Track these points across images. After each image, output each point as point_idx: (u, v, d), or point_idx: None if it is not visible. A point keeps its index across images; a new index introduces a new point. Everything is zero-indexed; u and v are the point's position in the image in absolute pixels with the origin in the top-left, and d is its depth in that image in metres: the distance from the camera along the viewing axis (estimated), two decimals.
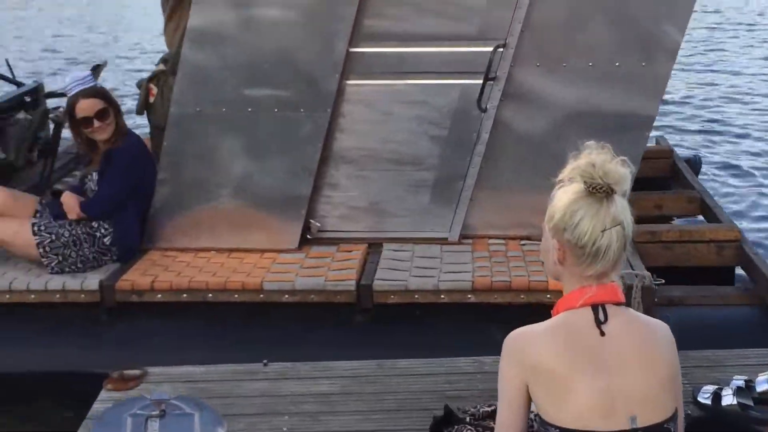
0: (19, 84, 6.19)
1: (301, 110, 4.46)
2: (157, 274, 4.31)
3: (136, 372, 3.51)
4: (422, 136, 4.53)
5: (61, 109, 5.56)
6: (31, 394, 4.22)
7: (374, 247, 4.59)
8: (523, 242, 4.57)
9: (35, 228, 4.38)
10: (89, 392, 3.39)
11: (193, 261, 4.50)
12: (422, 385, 3.33)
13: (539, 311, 2.30)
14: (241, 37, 4.42)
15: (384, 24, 4.43)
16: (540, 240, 2.12)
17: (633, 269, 4.07)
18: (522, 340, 2.00)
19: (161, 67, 4.82)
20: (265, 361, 3.60)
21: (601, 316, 1.97)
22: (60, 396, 4.15)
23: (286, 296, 4.20)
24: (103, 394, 3.30)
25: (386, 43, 4.45)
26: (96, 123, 4.42)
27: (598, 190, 1.93)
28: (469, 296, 4.13)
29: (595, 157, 1.97)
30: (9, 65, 6.23)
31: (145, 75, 5.33)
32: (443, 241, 4.60)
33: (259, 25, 4.40)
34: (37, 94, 6.17)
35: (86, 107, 4.43)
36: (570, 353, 1.95)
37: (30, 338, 4.26)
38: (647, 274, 3.99)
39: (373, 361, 3.66)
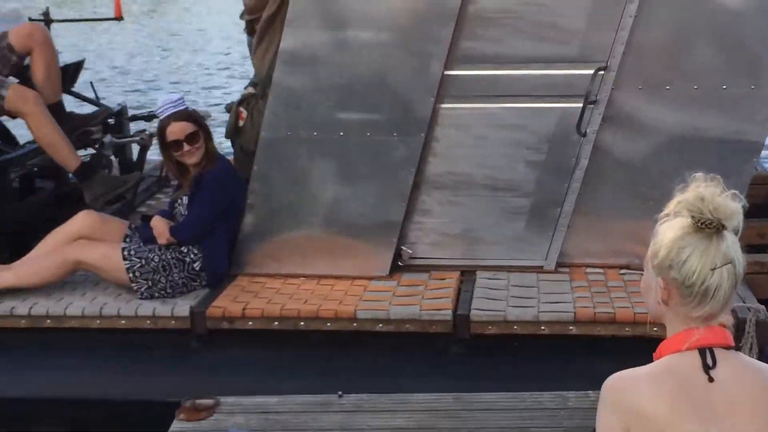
0: (103, 107, 6.19)
1: (394, 134, 4.36)
2: (247, 300, 4.23)
3: (209, 402, 3.45)
4: (518, 161, 4.40)
5: (146, 132, 5.54)
6: (109, 421, 4.17)
7: (467, 274, 4.46)
8: (622, 271, 4.40)
9: (125, 253, 4.33)
10: (164, 421, 3.34)
11: (282, 288, 4.41)
12: (502, 420, 3.21)
13: (644, 345, 2.16)
14: (335, 59, 4.34)
15: (480, 46, 4.31)
16: (640, 269, 1.97)
17: (744, 302, 3.88)
18: (623, 385, 1.85)
19: (250, 90, 4.77)
20: (340, 393, 3.51)
21: (709, 361, 1.82)
22: (135, 425, 4.09)
23: (380, 325, 4.08)
24: (176, 425, 3.23)
25: (482, 65, 4.33)
26: (185, 146, 4.38)
27: (708, 226, 1.79)
28: (571, 328, 3.97)
29: (703, 190, 1.82)
30: (93, 87, 6.24)
31: (220, 97, 5.32)
32: (539, 270, 4.45)
33: (353, 47, 4.32)
34: (121, 116, 6.17)
35: (176, 130, 4.38)
36: (675, 400, 1.80)
37: (119, 364, 4.21)
38: (761, 307, 3.80)
39: (452, 395, 3.56)
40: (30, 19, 6.39)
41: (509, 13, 4.28)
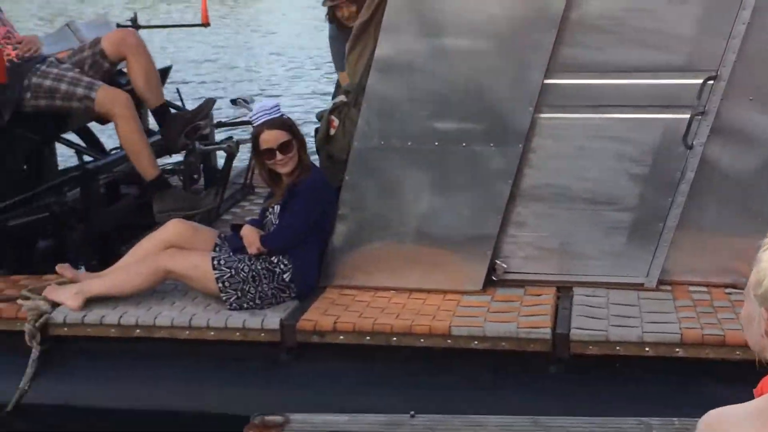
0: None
1: (491, 144, 4.23)
2: (338, 314, 4.13)
3: (278, 419, 3.37)
4: (620, 174, 4.22)
5: (233, 139, 5.49)
6: None
7: (563, 290, 4.30)
8: (728, 290, 4.20)
9: (215, 262, 4.26)
10: None
11: (373, 301, 4.30)
12: None
13: (755, 370, 1.99)
14: (431, 67, 4.22)
15: (582, 54, 4.15)
16: None
17: None
18: (722, 423, 1.68)
19: (342, 98, 4.67)
20: (412, 412, 3.39)
21: None
22: None
23: (475, 342, 3.95)
24: None
25: (584, 74, 4.17)
26: (278, 155, 4.30)
27: None
28: (677, 350, 3.79)
29: None
30: (179, 94, 6.23)
31: (314, 106, 5.25)
32: (639, 287, 4.27)
33: (450, 55, 4.20)
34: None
35: (270, 139, 4.31)
36: None
37: (207, 376, 4.15)
38: None
39: (529, 418, 3.42)
40: (118, 25, 6.40)
41: (613, 19, 4.11)
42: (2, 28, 4.99)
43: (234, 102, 5.93)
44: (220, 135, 6.42)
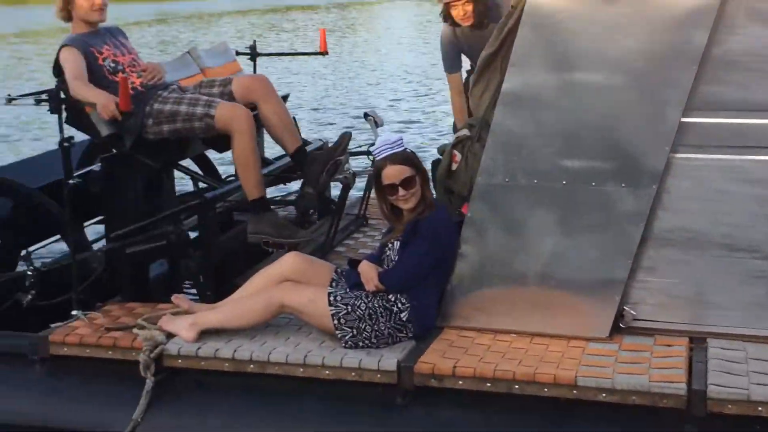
0: (305, 142, 6.12)
1: (623, 185, 4.02)
2: (458, 357, 3.96)
3: None
4: (762, 220, 3.95)
5: (348, 171, 5.39)
6: None
7: (696, 342, 4.04)
8: None
9: (331, 298, 4.15)
10: None
11: (493, 344, 4.12)
12: None
13: None
14: (561, 102, 4.05)
15: (724, 91, 3.92)
16: None
17: None
18: None
19: (465, 132, 4.52)
20: None
21: None
22: None
23: (603, 395, 3.72)
24: None
25: (726, 113, 3.93)
26: (401, 191, 4.19)
27: None
28: None
29: None
30: (296, 121, 6.18)
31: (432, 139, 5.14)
32: None
33: (582, 90, 4.02)
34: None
35: (393, 174, 4.20)
36: None
37: (320, 415, 4.03)
38: None
39: None
40: (237, 53, 6.40)
41: (759, 56, 3.87)
42: (127, 56, 5.01)
43: (366, 116, 5.85)
44: None
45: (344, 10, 48.19)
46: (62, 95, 4.52)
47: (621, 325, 4.14)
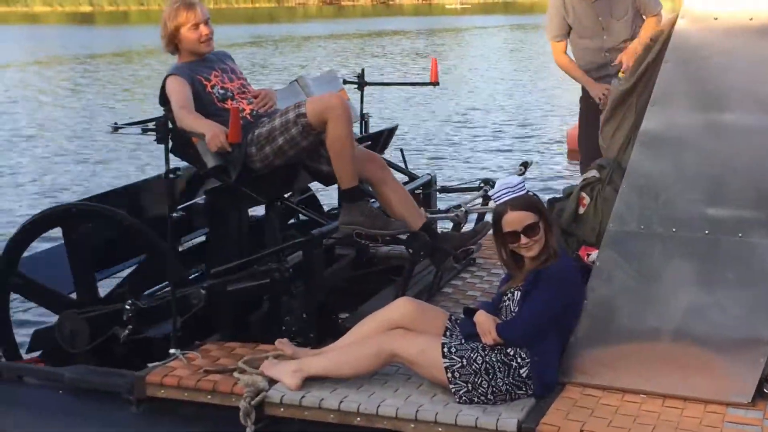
0: (412, 176, 5.87)
1: None
2: (583, 419, 3.62)
3: None
4: None
5: (461, 208, 5.10)
6: None
7: None
8: None
9: (445, 350, 3.86)
10: None
11: (621, 406, 3.77)
12: None
13: None
14: (706, 144, 3.70)
15: None
16: None
17: None
18: None
19: (594, 173, 4.19)
20: None
21: None
22: None
23: None
24: None
25: None
26: (523, 239, 3.88)
27: None
28: None
29: None
30: (403, 155, 5.94)
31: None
32: None
33: (730, 132, 3.67)
34: (430, 188, 5.81)
35: (514, 220, 3.90)
36: None
37: None
38: None
39: None
40: (345, 82, 6.19)
41: None
42: (236, 81, 4.81)
43: (524, 166, 5.63)
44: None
45: (433, 35, 48.13)
46: (169, 125, 4.33)
47: (765, 390, 3.76)
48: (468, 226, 5.20)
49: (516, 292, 3.96)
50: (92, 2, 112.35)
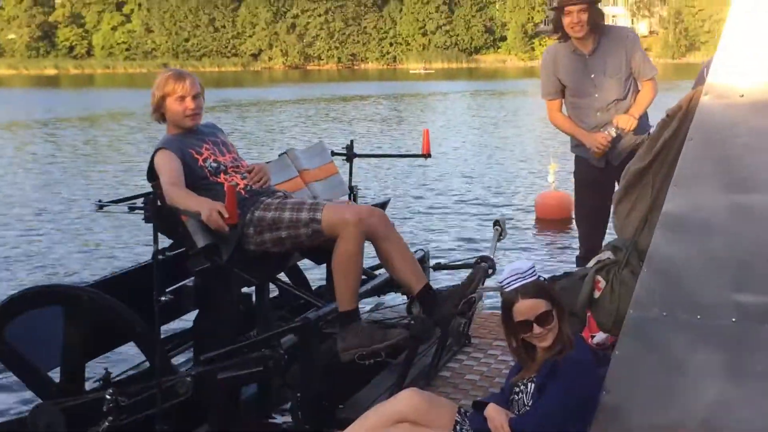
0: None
1: None
2: None
3: None
4: None
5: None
6: None
7: None
8: None
9: None
10: None
11: None
12: None
13: None
14: (733, 227, 3.50)
15: None
16: None
17: None
18: None
19: (609, 255, 3.98)
20: None
21: None
22: None
23: None
24: None
25: None
26: (536, 328, 3.66)
27: None
28: None
29: None
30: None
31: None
32: None
33: (759, 215, 3.47)
34: (423, 264, 5.58)
35: (526, 309, 3.69)
36: None
37: None
38: None
39: None
40: (333, 153, 5.99)
41: None
42: (228, 155, 4.60)
43: (495, 224, 5.34)
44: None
45: (397, 101, 48.32)
46: (158, 203, 4.08)
47: None
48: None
49: (529, 384, 3.72)
50: (57, 65, 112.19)
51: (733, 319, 3.53)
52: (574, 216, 6.26)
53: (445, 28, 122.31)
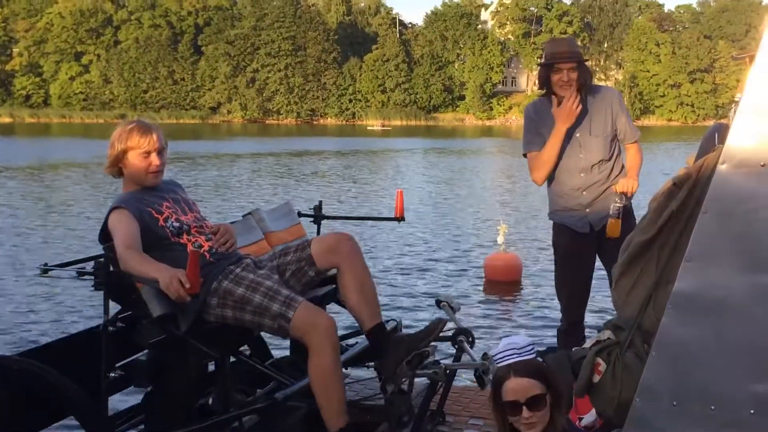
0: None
1: None
2: None
3: None
4: None
5: (441, 365, 4.48)
6: None
7: None
8: None
9: None
10: None
11: None
12: None
13: None
14: (753, 310, 3.16)
15: None
16: None
17: None
18: None
19: (609, 335, 3.62)
20: None
21: None
22: None
23: None
24: None
25: None
26: (525, 412, 3.29)
27: None
28: None
29: None
30: None
31: None
32: None
33: None
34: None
35: (517, 388, 3.32)
36: None
37: None
38: None
39: None
40: (300, 214, 5.62)
41: None
42: (190, 214, 4.20)
43: (438, 304, 4.93)
44: None
45: (348, 157, 48.13)
46: (110, 268, 3.66)
47: None
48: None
49: None
50: (12, 114, 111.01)
51: (752, 412, 3.17)
52: (555, 287, 5.90)
53: (404, 86, 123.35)
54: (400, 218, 5.54)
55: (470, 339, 5.16)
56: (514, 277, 13.49)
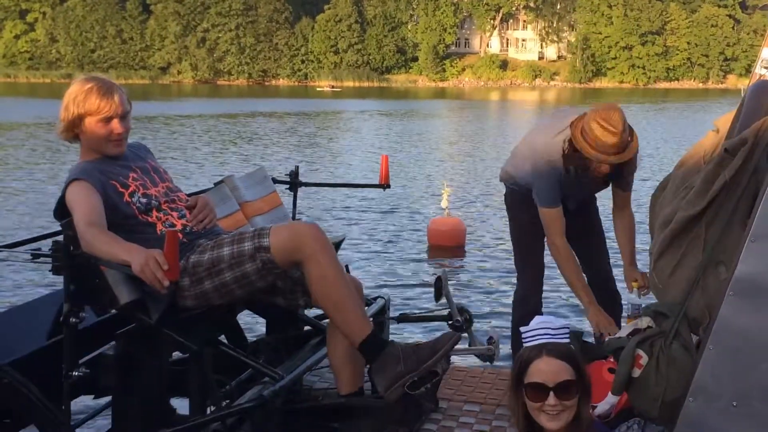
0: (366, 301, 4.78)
1: None
2: None
3: None
4: None
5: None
6: None
7: None
8: None
9: None
10: None
11: None
12: None
13: None
14: None
15: None
16: None
17: None
18: None
19: (649, 322, 3.16)
20: None
21: None
22: None
23: None
24: None
25: None
26: (552, 399, 2.80)
27: None
28: None
29: None
30: (348, 270, 4.86)
31: None
32: None
33: None
34: (382, 315, 4.74)
35: (547, 370, 2.82)
36: None
37: None
38: None
39: None
40: (275, 180, 5.10)
41: None
42: (160, 185, 3.65)
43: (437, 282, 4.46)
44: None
45: (313, 119, 47.45)
46: (71, 248, 3.12)
47: None
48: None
49: None
50: None
51: None
52: (514, 258, 5.25)
53: (357, 47, 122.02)
54: (385, 185, 5.04)
55: (468, 317, 4.71)
56: (458, 242, 13.10)
